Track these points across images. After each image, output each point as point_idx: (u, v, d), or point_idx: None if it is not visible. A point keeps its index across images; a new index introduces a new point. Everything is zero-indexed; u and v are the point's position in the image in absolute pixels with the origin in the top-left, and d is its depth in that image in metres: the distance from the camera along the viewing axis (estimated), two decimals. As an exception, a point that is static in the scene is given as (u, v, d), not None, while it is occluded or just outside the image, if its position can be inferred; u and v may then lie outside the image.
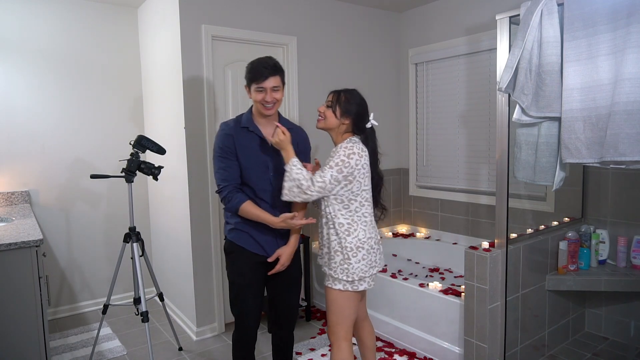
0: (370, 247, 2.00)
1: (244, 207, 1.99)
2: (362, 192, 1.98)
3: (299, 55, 3.45)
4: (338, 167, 1.91)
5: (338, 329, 2.03)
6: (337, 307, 2.02)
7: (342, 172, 1.90)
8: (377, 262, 2.04)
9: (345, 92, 2.06)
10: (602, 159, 1.92)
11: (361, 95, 2.08)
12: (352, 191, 1.96)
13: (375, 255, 2.03)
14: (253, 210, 2.00)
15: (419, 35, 3.92)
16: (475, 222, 3.60)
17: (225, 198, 2.01)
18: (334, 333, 2.04)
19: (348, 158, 1.91)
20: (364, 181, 1.99)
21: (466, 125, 3.62)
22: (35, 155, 3.36)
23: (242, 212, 2.01)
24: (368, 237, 2.00)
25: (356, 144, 1.99)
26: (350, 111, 2.02)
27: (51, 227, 3.45)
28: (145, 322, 2.57)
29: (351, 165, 1.91)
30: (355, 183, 1.95)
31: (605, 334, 2.98)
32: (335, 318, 2.04)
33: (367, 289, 2.04)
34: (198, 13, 2.97)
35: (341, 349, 2.03)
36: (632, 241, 2.73)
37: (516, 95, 2.11)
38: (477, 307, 2.37)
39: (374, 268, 2.03)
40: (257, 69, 1.98)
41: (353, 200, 1.97)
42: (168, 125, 3.29)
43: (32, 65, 3.31)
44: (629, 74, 1.78)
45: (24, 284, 2.09)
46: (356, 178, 1.95)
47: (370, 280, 2.04)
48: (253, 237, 2.07)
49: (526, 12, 2.06)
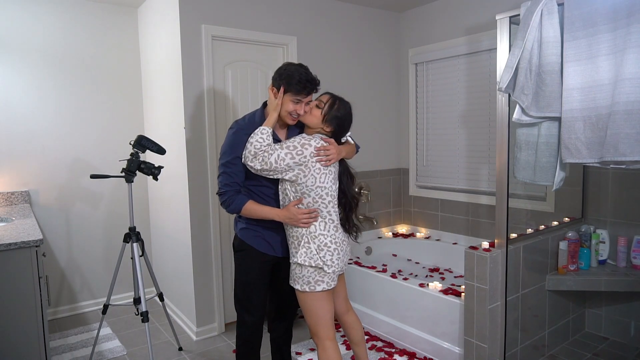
0: (322, 244, 1.95)
1: (247, 207, 2.00)
2: (316, 189, 1.93)
3: (299, 55, 3.45)
4: (288, 151, 1.87)
5: (317, 329, 2.01)
6: (308, 309, 2.00)
7: (293, 158, 1.87)
8: (332, 262, 1.96)
9: (341, 101, 2.05)
10: (602, 159, 1.92)
11: (351, 111, 2.08)
12: (307, 185, 1.91)
13: (332, 255, 1.96)
14: (255, 207, 2.01)
15: (419, 35, 3.92)
16: (475, 222, 3.60)
17: (225, 202, 2.00)
18: (315, 334, 2.03)
19: (302, 147, 1.88)
20: (320, 177, 1.92)
21: (466, 125, 3.62)
22: (35, 155, 3.36)
23: (245, 212, 2.01)
24: (320, 234, 1.95)
25: (317, 140, 1.92)
26: (335, 122, 2.01)
27: (51, 227, 3.45)
28: (145, 322, 2.57)
29: (304, 155, 1.87)
30: (310, 177, 1.90)
31: (605, 334, 2.98)
32: (310, 320, 2.02)
33: (326, 289, 1.97)
34: (198, 13, 2.97)
35: (325, 349, 2.00)
36: (632, 241, 2.73)
37: (516, 95, 2.11)
38: (477, 307, 2.37)
39: (329, 267, 1.95)
40: (302, 83, 1.93)
41: (306, 194, 1.93)
42: (168, 125, 3.29)
43: (32, 65, 3.31)
44: (629, 73, 1.78)
45: (24, 284, 2.09)
46: (310, 172, 1.90)
47: (329, 280, 1.97)
48: (264, 237, 2.10)
49: (526, 12, 2.06)
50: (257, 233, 2.09)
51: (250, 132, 1.99)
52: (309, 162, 1.89)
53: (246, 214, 2.02)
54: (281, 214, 1.97)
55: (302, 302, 2.02)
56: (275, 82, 1.99)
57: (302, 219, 1.94)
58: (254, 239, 2.09)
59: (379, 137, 4.03)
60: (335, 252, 1.98)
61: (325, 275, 1.96)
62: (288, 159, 1.88)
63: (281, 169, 1.89)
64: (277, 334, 2.35)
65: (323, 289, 1.97)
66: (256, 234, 2.09)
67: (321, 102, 2.04)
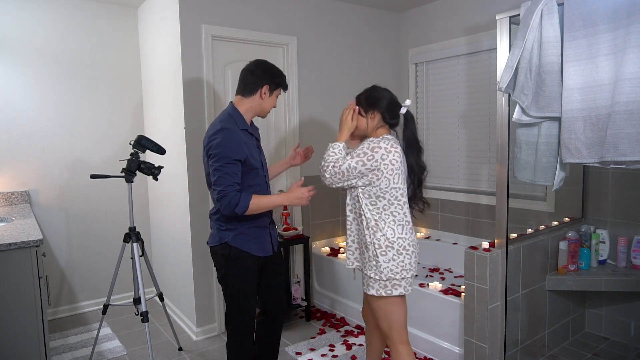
0: (401, 248, 1.90)
1: (254, 202, 1.92)
2: (390, 190, 1.89)
3: (299, 55, 3.45)
4: (359, 158, 1.86)
5: (390, 333, 1.97)
6: (383, 313, 1.96)
7: (365, 165, 1.85)
8: (410, 265, 1.92)
9: (364, 90, 2.05)
10: (602, 159, 1.92)
11: (381, 87, 2.04)
12: (381, 188, 1.88)
13: (410, 258, 1.92)
14: (262, 200, 1.96)
15: (419, 35, 3.92)
16: (475, 222, 3.60)
17: (230, 203, 1.88)
18: (388, 338, 1.99)
19: (372, 151, 1.85)
20: (393, 179, 1.89)
21: (466, 125, 3.62)
22: (35, 155, 3.36)
23: (253, 207, 1.92)
24: (398, 237, 1.90)
25: (386, 140, 1.90)
26: (374, 103, 1.98)
27: (51, 227, 3.45)
28: (145, 322, 2.57)
29: (375, 159, 1.85)
30: (384, 180, 1.88)
31: (605, 334, 2.98)
32: (384, 324, 1.97)
33: (402, 294, 1.93)
34: (198, 13, 2.97)
35: (399, 353, 1.97)
36: (632, 241, 2.73)
37: (516, 95, 2.11)
38: (477, 307, 2.37)
39: (408, 272, 1.91)
40: (284, 79, 2.08)
41: (381, 197, 1.90)
42: (168, 125, 3.29)
43: (32, 65, 3.31)
44: (629, 73, 1.78)
45: (24, 284, 2.09)
46: (384, 174, 1.87)
47: (406, 285, 1.93)
48: (256, 240, 2.05)
49: (526, 12, 2.06)
50: (249, 237, 2.03)
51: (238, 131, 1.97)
52: (381, 164, 1.86)
53: (254, 209, 1.93)
54: (290, 196, 2.01)
55: (376, 307, 1.97)
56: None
57: (309, 195, 2.02)
58: (247, 244, 2.02)
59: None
60: (413, 255, 1.95)
61: (402, 280, 1.92)
62: (360, 167, 1.86)
63: (353, 177, 1.88)
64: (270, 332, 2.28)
65: (400, 294, 1.93)
66: (249, 238, 2.03)
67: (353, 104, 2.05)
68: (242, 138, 1.98)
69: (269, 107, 2.09)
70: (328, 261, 3.47)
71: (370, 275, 1.93)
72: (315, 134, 3.63)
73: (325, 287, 3.55)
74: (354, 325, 3.22)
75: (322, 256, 3.53)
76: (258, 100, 2.04)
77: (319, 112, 3.61)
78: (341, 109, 3.73)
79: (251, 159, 2.00)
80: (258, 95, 2.03)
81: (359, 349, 2.88)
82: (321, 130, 3.65)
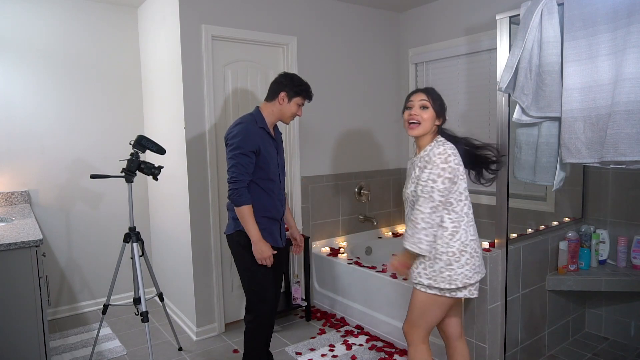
0: (473, 251, 1.88)
1: (247, 209, 2.12)
2: (465, 191, 1.90)
3: (299, 55, 3.45)
4: (441, 179, 1.80)
5: (419, 331, 1.94)
6: (423, 310, 1.92)
7: (449, 180, 1.81)
8: (480, 267, 1.92)
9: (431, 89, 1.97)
10: (602, 159, 1.92)
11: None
12: (460, 191, 1.87)
13: (479, 259, 1.91)
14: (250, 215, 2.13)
15: (419, 35, 3.92)
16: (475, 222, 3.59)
17: (236, 192, 2.09)
18: (410, 334, 1.96)
19: (447, 163, 1.82)
20: (465, 178, 1.90)
21: (466, 125, 3.62)
22: (35, 155, 3.36)
23: (242, 210, 2.11)
24: (470, 239, 1.89)
25: (444, 144, 1.88)
26: (443, 109, 1.95)
27: (51, 227, 3.45)
28: (145, 322, 2.57)
29: (452, 167, 1.82)
30: (460, 183, 1.87)
31: (605, 334, 2.98)
32: (416, 319, 1.94)
33: (467, 297, 1.90)
34: (198, 13, 2.97)
35: (422, 351, 1.95)
36: (632, 241, 2.73)
37: (516, 95, 2.11)
38: (477, 307, 2.37)
39: (478, 274, 1.89)
40: (308, 88, 2.26)
41: (459, 200, 1.88)
42: (168, 125, 3.29)
43: (32, 66, 3.31)
44: (629, 73, 1.78)
45: (24, 284, 2.09)
46: (459, 177, 1.86)
47: (472, 289, 1.90)
48: (269, 232, 2.24)
49: (526, 12, 2.06)
50: (263, 226, 2.20)
51: (257, 128, 2.16)
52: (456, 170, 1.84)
53: (240, 214, 2.12)
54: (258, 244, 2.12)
55: (422, 301, 1.92)
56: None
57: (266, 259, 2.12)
58: (262, 232, 2.17)
59: (379, 137, 4.03)
60: (481, 256, 1.94)
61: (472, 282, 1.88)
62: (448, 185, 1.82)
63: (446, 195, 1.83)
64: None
65: (465, 296, 1.89)
66: (263, 228, 2.19)
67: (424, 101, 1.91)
68: (257, 132, 2.17)
69: (288, 113, 2.26)
70: (328, 261, 3.47)
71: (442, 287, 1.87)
72: (315, 134, 3.63)
73: (325, 287, 3.55)
74: (354, 325, 3.22)
75: (322, 256, 3.53)
76: (277, 105, 2.24)
77: (319, 112, 3.61)
78: (341, 108, 3.75)
79: (265, 153, 2.17)
80: (277, 100, 2.24)
81: (359, 349, 2.88)
82: (321, 130, 3.65)
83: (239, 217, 2.14)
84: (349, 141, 3.81)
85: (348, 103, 3.80)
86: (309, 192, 3.59)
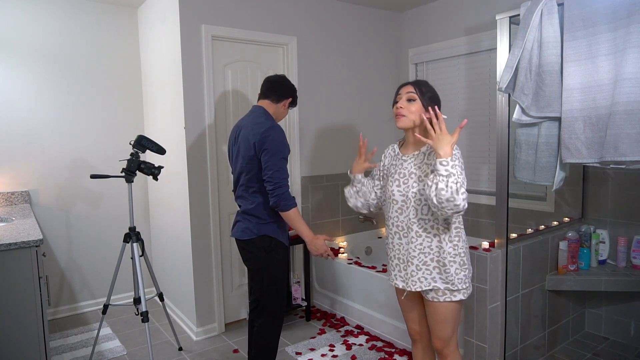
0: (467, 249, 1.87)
1: (296, 210, 2.17)
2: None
3: (299, 55, 3.45)
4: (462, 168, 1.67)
5: (452, 341, 1.89)
6: (454, 319, 1.86)
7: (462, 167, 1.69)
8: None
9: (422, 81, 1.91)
10: (602, 159, 1.92)
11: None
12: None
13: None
14: (298, 217, 2.17)
15: (419, 35, 3.92)
16: (475, 222, 3.60)
17: (284, 195, 2.10)
18: (450, 345, 1.89)
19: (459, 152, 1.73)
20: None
21: (466, 125, 3.60)
22: (35, 155, 3.36)
23: (291, 214, 2.14)
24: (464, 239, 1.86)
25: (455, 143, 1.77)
26: (435, 102, 1.88)
27: (51, 227, 3.45)
28: (145, 322, 2.57)
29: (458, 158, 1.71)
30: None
31: (605, 334, 2.98)
32: (451, 332, 1.86)
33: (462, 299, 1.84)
34: (198, 13, 2.97)
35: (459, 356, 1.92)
36: (632, 241, 2.73)
37: (516, 95, 2.11)
38: (477, 307, 2.37)
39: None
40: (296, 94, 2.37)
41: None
42: (168, 125, 3.29)
43: (32, 66, 3.31)
44: (629, 73, 1.78)
45: (24, 284, 2.09)
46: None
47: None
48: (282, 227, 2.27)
49: (526, 12, 2.06)
50: (284, 230, 2.28)
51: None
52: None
53: (290, 217, 2.15)
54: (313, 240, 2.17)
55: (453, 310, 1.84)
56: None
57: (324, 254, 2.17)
58: (283, 236, 2.26)
59: (379, 137, 4.02)
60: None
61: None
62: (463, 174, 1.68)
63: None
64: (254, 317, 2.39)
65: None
66: (283, 230, 2.27)
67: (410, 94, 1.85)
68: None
69: (281, 118, 2.37)
70: (328, 261, 3.47)
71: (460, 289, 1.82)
72: (315, 134, 3.63)
73: (325, 287, 3.55)
74: (354, 325, 3.22)
75: (322, 256, 3.53)
76: (280, 108, 2.32)
77: (319, 111, 3.61)
78: (341, 108, 3.75)
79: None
80: (282, 104, 2.31)
81: (359, 349, 2.88)
82: (321, 130, 3.65)
83: (288, 220, 2.16)
84: (349, 141, 3.81)
85: (348, 103, 3.80)
86: (309, 192, 3.59)
